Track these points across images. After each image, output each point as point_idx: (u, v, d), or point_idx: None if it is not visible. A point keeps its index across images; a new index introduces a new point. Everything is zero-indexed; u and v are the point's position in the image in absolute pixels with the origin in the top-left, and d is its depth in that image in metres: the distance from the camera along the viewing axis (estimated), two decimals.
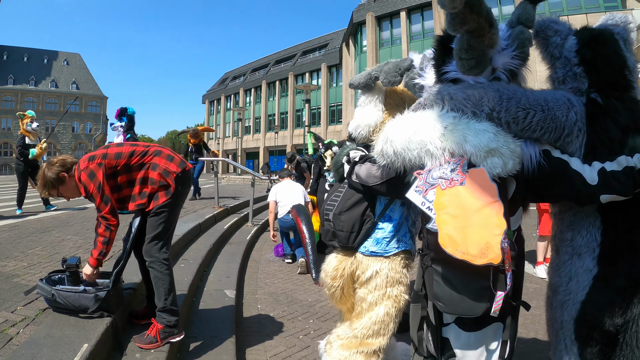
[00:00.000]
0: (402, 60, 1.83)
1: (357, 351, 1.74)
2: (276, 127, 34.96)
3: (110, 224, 2.05)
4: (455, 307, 1.31)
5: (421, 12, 22.04)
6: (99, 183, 2.02)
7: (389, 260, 1.78)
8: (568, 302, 1.40)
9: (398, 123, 1.49)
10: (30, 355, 1.66)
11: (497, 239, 1.18)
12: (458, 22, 1.19)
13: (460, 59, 1.33)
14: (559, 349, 1.43)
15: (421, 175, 1.36)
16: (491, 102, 1.33)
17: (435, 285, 1.36)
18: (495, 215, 1.21)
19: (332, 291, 1.89)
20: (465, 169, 1.28)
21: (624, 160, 1.25)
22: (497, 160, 1.25)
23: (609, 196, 1.25)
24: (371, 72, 1.90)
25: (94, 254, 2.08)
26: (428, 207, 1.31)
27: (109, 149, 2.15)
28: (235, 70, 48.25)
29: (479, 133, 1.28)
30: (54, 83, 50.25)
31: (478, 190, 1.24)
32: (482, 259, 1.18)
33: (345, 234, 1.80)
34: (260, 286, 4.01)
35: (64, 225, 4.83)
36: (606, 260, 1.34)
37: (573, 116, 1.34)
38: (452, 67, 1.46)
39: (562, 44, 1.49)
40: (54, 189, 2.09)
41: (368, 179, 1.69)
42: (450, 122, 1.33)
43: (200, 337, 2.50)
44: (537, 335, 2.81)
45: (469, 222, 1.22)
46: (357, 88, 1.98)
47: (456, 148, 1.30)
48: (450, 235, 1.23)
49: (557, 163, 1.33)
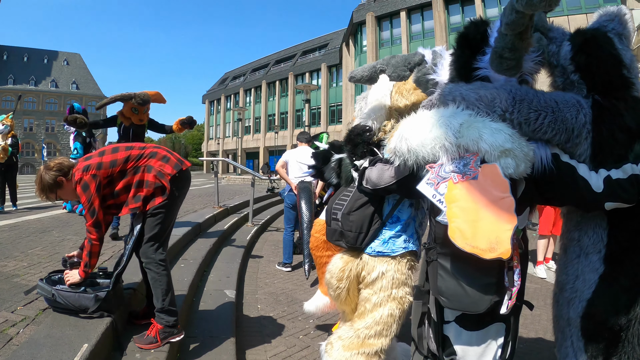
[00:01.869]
0: (412, 55, 1.77)
1: (359, 352, 1.73)
2: (276, 127, 34.96)
3: (92, 238, 2.05)
4: (458, 302, 1.30)
5: (421, 12, 22.04)
6: (90, 196, 2.03)
7: (395, 262, 1.77)
8: (574, 299, 1.42)
9: (412, 121, 1.49)
10: (30, 355, 1.66)
11: (507, 233, 1.18)
12: (520, 23, 1.19)
13: (502, 57, 1.32)
14: (565, 346, 1.44)
15: (433, 169, 1.36)
16: (504, 103, 1.34)
17: (439, 279, 1.36)
18: (506, 210, 1.20)
19: (338, 292, 1.86)
20: (478, 164, 1.28)
21: (629, 168, 1.27)
22: (510, 161, 1.25)
23: (614, 204, 1.27)
24: (376, 65, 1.85)
25: (81, 265, 2.09)
26: (439, 199, 1.30)
27: (103, 157, 2.11)
28: (235, 70, 48.25)
29: (495, 132, 1.28)
30: (54, 83, 50.24)
31: (490, 185, 1.24)
32: (491, 253, 1.17)
33: (354, 234, 1.78)
34: (260, 286, 4.01)
35: (64, 225, 4.83)
36: (612, 260, 1.36)
37: (582, 118, 1.35)
38: (483, 64, 1.45)
39: (558, 52, 1.49)
40: (51, 193, 2.08)
41: (380, 181, 1.66)
42: (466, 120, 1.34)
43: (200, 337, 2.50)
44: (537, 335, 2.81)
45: (479, 215, 1.21)
46: (359, 81, 1.91)
47: (471, 145, 1.30)
48: (461, 228, 1.22)
49: (565, 167, 1.34)
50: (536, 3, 1.06)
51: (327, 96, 32.44)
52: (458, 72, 1.52)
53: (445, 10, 20.85)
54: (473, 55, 1.47)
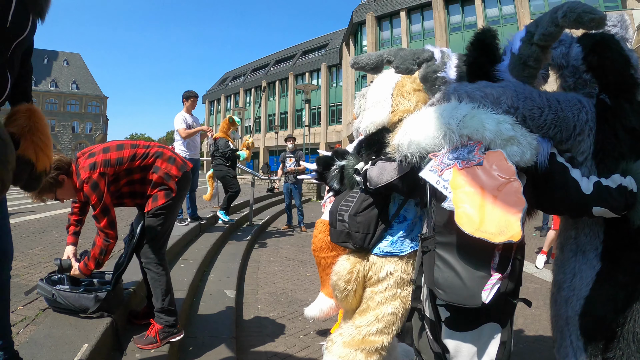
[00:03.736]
0: (421, 51, 1.76)
1: (359, 349, 1.72)
2: (276, 127, 34.95)
3: (109, 236, 1.99)
4: (455, 295, 1.27)
5: (421, 12, 22.03)
6: (102, 194, 1.94)
7: (403, 262, 1.76)
8: (572, 297, 1.43)
9: (416, 117, 1.49)
10: (30, 355, 1.66)
11: (517, 215, 1.16)
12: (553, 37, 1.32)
13: (527, 65, 1.41)
14: (564, 346, 1.45)
15: (437, 157, 1.35)
16: (509, 100, 1.37)
17: (436, 270, 1.32)
18: (514, 192, 1.19)
19: (345, 294, 1.84)
20: (482, 151, 1.28)
21: (618, 178, 1.28)
22: (516, 148, 1.25)
23: (601, 209, 1.27)
24: (383, 54, 1.81)
25: (90, 264, 2.02)
26: (443, 185, 1.28)
27: (110, 153, 2.04)
28: (235, 70, 48.24)
29: (499, 122, 1.30)
30: (54, 83, 50.29)
31: (496, 170, 1.23)
32: (501, 237, 1.15)
33: (362, 235, 1.76)
34: (260, 286, 4.01)
35: (64, 225, 4.79)
36: (609, 257, 1.37)
37: (584, 116, 1.38)
38: (502, 67, 1.51)
39: (568, 53, 1.52)
40: (50, 192, 1.97)
41: (380, 178, 1.65)
42: (469, 112, 1.35)
43: (200, 337, 2.50)
44: (538, 335, 2.81)
45: (487, 200, 1.20)
46: (363, 69, 1.87)
47: (475, 134, 1.31)
48: (468, 213, 1.19)
49: (558, 167, 1.35)
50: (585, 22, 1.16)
51: (327, 96, 32.42)
52: (472, 75, 1.55)
53: (445, 10, 20.85)
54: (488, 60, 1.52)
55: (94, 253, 2.01)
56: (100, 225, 1.98)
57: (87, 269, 2.05)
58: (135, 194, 2.15)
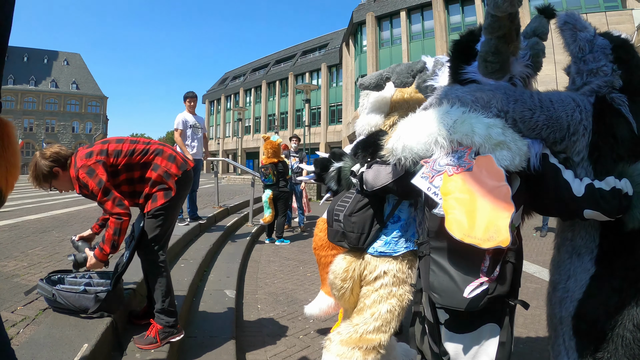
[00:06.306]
0: (415, 63, 1.89)
1: (356, 347, 1.74)
2: (276, 127, 34.97)
3: (121, 215, 1.92)
4: (450, 299, 1.28)
5: (421, 12, 22.01)
6: (99, 179, 1.92)
7: (397, 261, 1.79)
8: (566, 299, 1.43)
9: (409, 121, 1.51)
10: (30, 355, 1.66)
11: (505, 221, 1.16)
12: (497, 26, 1.26)
13: (486, 62, 1.38)
14: (557, 344, 1.47)
15: (428, 163, 1.36)
16: (499, 103, 1.37)
17: (431, 274, 1.34)
18: (503, 198, 1.19)
19: (342, 292, 1.89)
20: (472, 156, 1.29)
21: (612, 180, 1.27)
22: (505, 153, 1.26)
23: (592, 212, 1.26)
24: (383, 72, 1.95)
25: (105, 248, 1.96)
26: (434, 192, 1.30)
27: (108, 144, 2.05)
28: (235, 70, 48.27)
29: (489, 126, 1.30)
30: (54, 83, 50.26)
31: (485, 175, 1.24)
32: (490, 242, 1.16)
33: (356, 235, 1.80)
34: (260, 286, 4.01)
35: (64, 225, 4.83)
36: (603, 261, 1.36)
37: (578, 115, 1.36)
38: (471, 69, 1.50)
39: (593, 40, 1.48)
40: (45, 182, 2.00)
41: (376, 181, 1.69)
42: (460, 116, 1.35)
43: (200, 337, 2.50)
44: (537, 335, 2.81)
45: (476, 206, 1.21)
46: (368, 88, 2.02)
47: (465, 139, 1.32)
48: (458, 219, 1.21)
49: (550, 168, 1.34)
50: (500, 4, 1.15)
51: (327, 96, 32.41)
52: (454, 79, 1.57)
53: (445, 10, 20.83)
54: (467, 62, 1.52)
55: (107, 235, 1.95)
56: (108, 209, 1.93)
57: (102, 254, 1.98)
58: (135, 193, 2.14)
